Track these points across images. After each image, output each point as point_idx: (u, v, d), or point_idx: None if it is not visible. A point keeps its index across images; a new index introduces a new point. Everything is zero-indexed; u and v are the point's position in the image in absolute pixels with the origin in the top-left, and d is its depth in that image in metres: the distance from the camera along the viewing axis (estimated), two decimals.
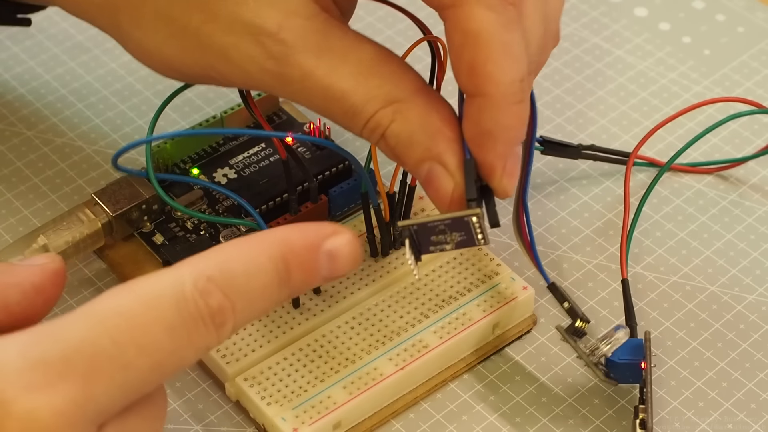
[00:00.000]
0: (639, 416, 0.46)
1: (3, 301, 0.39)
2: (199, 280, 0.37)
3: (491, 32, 0.40)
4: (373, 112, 0.42)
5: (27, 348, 0.35)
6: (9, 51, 0.62)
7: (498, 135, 0.41)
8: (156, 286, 0.37)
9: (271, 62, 0.42)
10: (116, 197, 0.51)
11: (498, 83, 0.40)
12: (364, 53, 0.43)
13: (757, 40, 0.63)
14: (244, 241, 0.39)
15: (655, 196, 0.55)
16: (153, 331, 0.36)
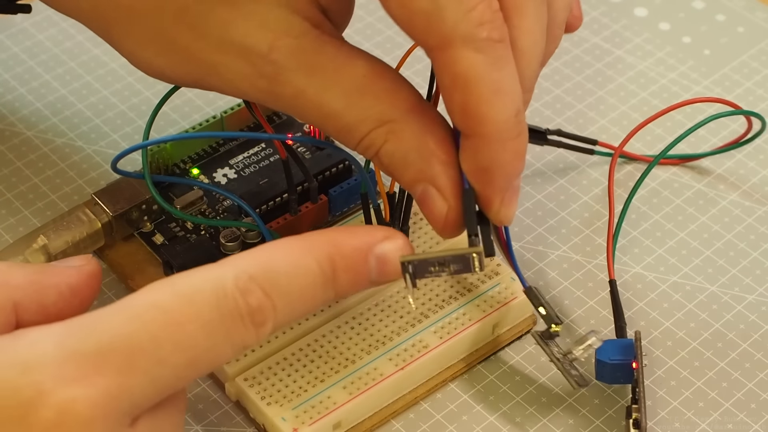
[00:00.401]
0: (632, 416, 0.46)
1: (40, 302, 0.39)
2: (240, 277, 0.37)
3: (480, 74, 0.39)
4: (366, 132, 0.42)
5: (64, 339, 0.35)
6: (9, 51, 0.62)
7: (496, 172, 0.41)
8: (196, 282, 0.37)
9: (262, 81, 0.42)
10: (116, 197, 0.51)
11: (492, 123, 0.40)
12: (357, 70, 0.42)
13: (757, 40, 0.63)
14: (291, 241, 0.39)
15: (655, 195, 0.55)
16: (190, 328, 0.36)
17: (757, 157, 0.57)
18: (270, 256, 0.39)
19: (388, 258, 0.41)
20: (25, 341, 0.35)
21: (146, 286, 0.37)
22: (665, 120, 0.58)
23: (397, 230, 0.42)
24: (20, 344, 0.35)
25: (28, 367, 0.35)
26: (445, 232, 0.43)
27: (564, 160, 0.57)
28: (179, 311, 0.36)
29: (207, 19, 0.42)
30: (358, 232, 0.41)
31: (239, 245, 0.51)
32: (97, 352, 0.35)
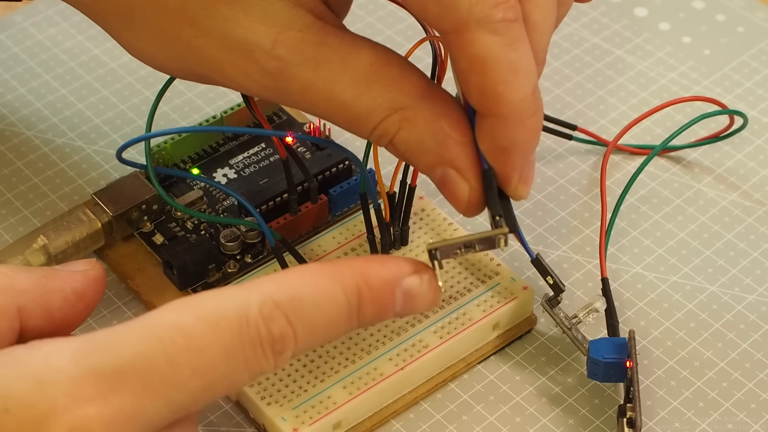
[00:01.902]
0: (626, 415, 0.46)
1: (45, 306, 0.39)
2: (265, 304, 0.37)
3: (497, 55, 0.39)
4: (379, 120, 0.42)
5: (80, 356, 0.35)
6: (9, 51, 0.62)
7: (514, 149, 0.41)
8: (220, 305, 0.37)
9: (267, 78, 0.42)
10: (116, 197, 0.51)
11: (510, 102, 0.40)
12: (363, 59, 0.42)
13: (757, 40, 0.63)
14: (320, 267, 0.39)
15: (655, 196, 0.55)
16: (210, 353, 0.36)
17: (757, 157, 0.57)
18: (298, 282, 0.38)
19: (414, 293, 0.41)
20: (40, 354, 0.35)
21: (169, 304, 0.37)
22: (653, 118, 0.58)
23: (425, 264, 0.42)
24: (35, 357, 0.35)
25: (42, 381, 0.34)
26: (468, 212, 0.43)
27: (563, 160, 0.57)
28: (201, 336, 0.36)
29: (208, 16, 0.42)
30: (387, 264, 0.41)
31: (239, 245, 0.51)
32: (115, 371, 0.35)
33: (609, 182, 0.55)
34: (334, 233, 0.51)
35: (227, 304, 0.37)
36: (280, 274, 0.39)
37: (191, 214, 0.50)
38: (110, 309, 0.51)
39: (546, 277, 0.48)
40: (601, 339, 0.48)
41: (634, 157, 0.57)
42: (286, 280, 0.38)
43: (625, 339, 0.47)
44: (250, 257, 0.51)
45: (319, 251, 0.51)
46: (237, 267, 0.51)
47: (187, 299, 0.37)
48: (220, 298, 0.37)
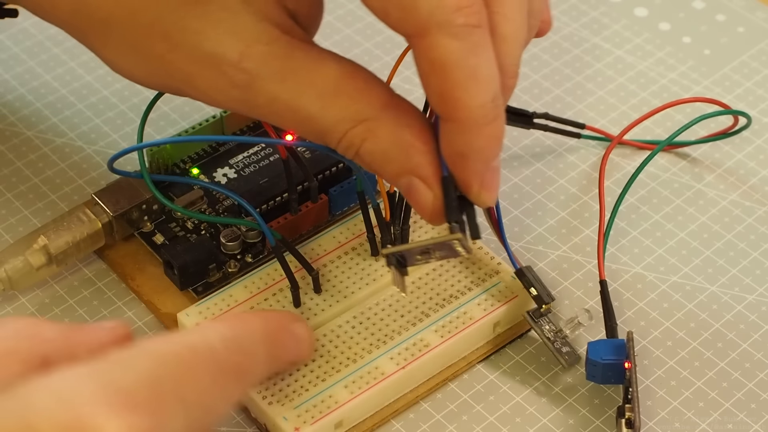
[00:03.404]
0: (625, 416, 0.46)
1: (70, 357, 0.38)
2: (221, 341, 0.38)
3: (456, 60, 0.39)
4: (344, 132, 0.42)
5: (103, 376, 0.35)
6: (9, 51, 0.62)
7: (472, 156, 0.41)
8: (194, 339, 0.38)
9: (236, 91, 0.42)
10: (116, 197, 0.51)
11: (467, 108, 0.40)
12: (329, 72, 0.42)
13: (757, 40, 0.63)
14: (241, 315, 0.43)
15: (655, 196, 0.55)
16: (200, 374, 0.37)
17: (758, 157, 0.57)
18: (231, 323, 0.40)
19: (302, 337, 0.44)
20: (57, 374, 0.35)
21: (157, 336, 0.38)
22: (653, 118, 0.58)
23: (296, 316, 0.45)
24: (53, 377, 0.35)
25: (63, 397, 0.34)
26: (434, 220, 0.43)
27: (563, 160, 0.57)
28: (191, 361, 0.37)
29: (178, 30, 0.42)
30: (276, 317, 0.44)
31: (240, 245, 0.51)
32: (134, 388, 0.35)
33: (609, 182, 0.55)
34: (334, 233, 0.51)
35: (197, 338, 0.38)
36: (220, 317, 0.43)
37: (192, 216, 0.50)
38: (110, 309, 0.51)
39: (529, 289, 0.48)
40: (600, 341, 0.48)
41: (634, 157, 0.57)
42: (222, 322, 0.40)
43: (623, 340, 0.47)
44: (250, 257, 0.51)
45: (320, 251, 0.51)
46: (237, 267, 0.51)
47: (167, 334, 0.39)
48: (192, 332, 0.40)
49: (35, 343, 0.38)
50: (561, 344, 0.48)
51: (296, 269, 0.49)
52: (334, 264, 0.50)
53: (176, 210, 0.50)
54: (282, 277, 0.49)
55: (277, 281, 0.49)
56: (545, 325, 0.49)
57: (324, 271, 0.50)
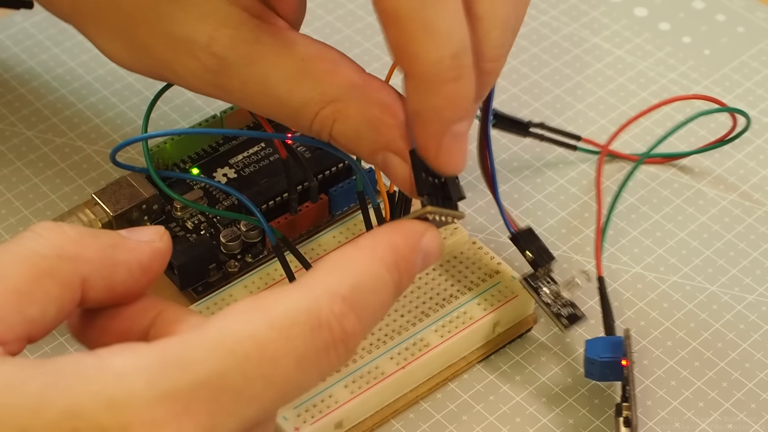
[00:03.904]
0: (623, 414, 0.46)
1: (109, 279, 0.38)
2: (335, 302, 0.36)
3: (409, 10, 0.38)
4: (313, 114, 0.42)
5: (155, 377, 0.33)
6: (9, 51, 0.62)
7: (428, 115, 0.40)
8: (290, 310, 0.35)
9: (209, 75, 0.43)
10: (116, 197, 0.51)
11: (422, 62, 0.38)
12: (295, 55, 0.42)
13: (757, 40, 0.63)
14: (362, 251, 0.38)
15: (655, 196, 0.55)
16: (284, 363, 0.35)
17: (758, 157, 0.57)
18: (355, 272, 0.37)
19: (430, 252, 0.40)
20: (111, 370, 0.33)
21: (236, 310, 0.35)
22: (653, 118, 0.58)
23: (424, 220, 0.41)
24: (106, 373, 0.33)
25: (116, 404, 0.33)
26: (414, 193, 0.42)
27: (564, 160, 0.57)
28: (275, 347, 0.35)
29: (154, 15, 0.43)
30: (405, 232, 0.40)
31: (240, 245, 0.51)
32: (189, 391, 0.34)
33: (609, 182, 0.55)
34: (334, 232, 0.51)
35: (297, 308, 0.36)
36: (332, 264, 0.37)
37: (196, 207, 0.50)
38: None
39: (524, 253, 0.48)
40: (598, 338, 0.48)
41: None
42: (343, 270, 0.37)
43: (621, 338, 0.47)
44: (250, 257, 0.51)
45: (320, 250, 0.51)
46: (237, 266, 0.51)
47: (253, 303, 0.36)
48: (288, 301, 0.36)
49: (75, 266, 0.37)
50: (560, 306, 0.48)
51: (296, 269, 0.49)
52: None
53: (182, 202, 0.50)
54: (282, 276, 0.49)
55: (277, 281, 0.49)
56: (543, 287, 0.48)
57: None
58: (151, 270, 0.39)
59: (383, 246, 0.39)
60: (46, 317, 0.36)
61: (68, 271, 0.37)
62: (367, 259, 0.38)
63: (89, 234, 0.38)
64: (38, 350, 0.50)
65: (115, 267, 0.38)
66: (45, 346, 0.50)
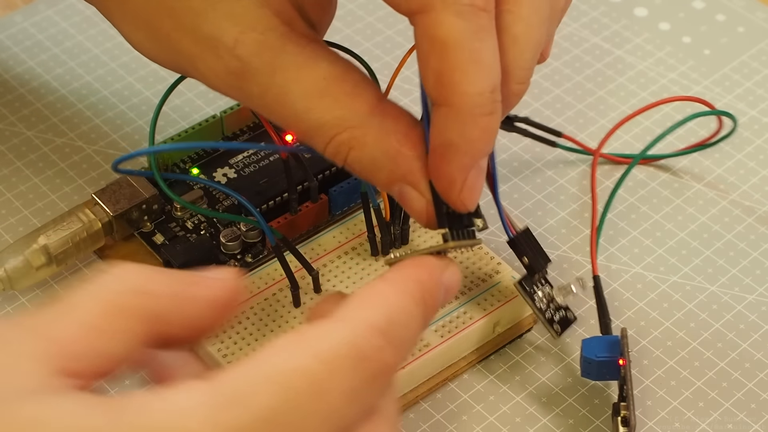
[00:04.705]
0: (620, 413, 0.46)
1: (181, 315, 0.38)
2: (374, 336, 0.36)
3: (459, 40, 0.38)
4: (329, 138, 0.41)
5: (215, 414, 0.33)
6: (9, 51, 0.62)
7: (462, 147, 0.40)
8: (334, 344, 0.35)
9: (231, 77, 0.42)
10: (116, 197, 0.51)
11: (465, 94, 0.39)
12: (318, 72, 0.41)
13: (757, 40, 0.63)
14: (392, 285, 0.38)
15: (655, 196, 0.55)
16: (333, 396, 0.35)
17: (758, 157, 0.57)
18: (388, 306, 0.37)
19: (452, 287, 0.41)
20: (175, 409, 0.34)
21: (281, 346, 0.35)
22: (653, 118, 0.58)
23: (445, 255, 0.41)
24: (171, 412, 0.33)
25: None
26: (430, 225, 0.42)
27: (564, 160, 0.57)
28: (323, 379, 0.35)
29: (182, 8, 0.42)
30: (429, 267, 0.40)
31: (240, 245, 0.51)
32: (248, 426, 0.34)
33: (609, 182, 0.55)
34: (334, 232, 0.51)
35: (339, 342, 0.35)
36: (365, 299, 0.37)
37: (197, 210, 0.50)
38: None
39: (521, 258, 0.47)
40: (594, 338, 0.48)
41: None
42: (377, 306, 0.37)
43: (617, 337, 0.47)
44: (250, 257, 0.51)
45: (320, 250, 0.51)
46: (237, 266, 0.51)
47: (297, 338, 0.35)
48: (332, 335, 0.36)
49: (147, 299, 0.37)
50: (553, 311, 0.48)
51: (296, 269, 0.49)
52: (334, 264, 0.50)
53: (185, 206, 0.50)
54: (282, 277, 0.49)
55: (277, 281, 0.49)
56: (538, 291, 0.48)
57: (324, 271, 0.50)
58: (222, 305, 0.39)
59: (412, 281, 0.39)
60: (117, 352, 0.36)
61: (140, 306, 0.36)
62: (398, 293, 0.38)
63: (160, 272, 0.38)
64: None
65: (187, 302, 0.38)
66: None
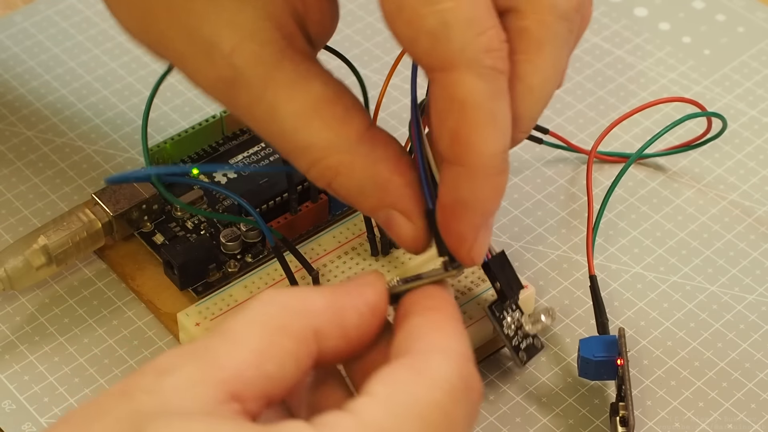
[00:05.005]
0: (619, 413, 0.46)
1: (341, 325, 0.38)
2: (469, 365, 0.37)
3: (479, 102, 0.38)
4: (315, 160, 0.41)
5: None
6: (9, 51, 0.62)
7: (474, 206, 0.40)
8: (448, 376, 0.36)
9: (221, 83, 0.41)
10: (116, 197, 0.51)
11: (480, 154, 0.38)
12: (311, 93, 0.41)
13: (757, 40, 0.63)
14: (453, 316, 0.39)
15: (655, 196, 0.55)
16: (460, 425, 0.36)
17: (758, 157, 0.57)
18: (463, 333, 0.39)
19: None
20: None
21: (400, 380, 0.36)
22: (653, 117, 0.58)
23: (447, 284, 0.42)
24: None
25: None
26: (417, 251, 0.42)
27: (563, 160, 0.57)
28: (452, 411, 0.36)
29: (183, 8, 0.41)
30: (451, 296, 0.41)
31: (240, 245, 0.51)
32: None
33: (609, 182, 0.55)
34: (334, 232, 0.51)
35: (451, 373, 0.37)
36: (442, 327, 0.38)
37: (197, 212, 0.50)
38: (110, 309, 0.51)
39: (494, 284, 0.47)
40: (592, 337, 0.47)
41: None
42: (459, 335, 0.38)
43: (615, 337, 0.47)
44: (250, 257, 0.51)
45: (320, 250, 0.51)
46: (237, 267, 0.51)
47: (411, 370, 0.36)
48: (442, 367, 0.37)
49: (306, 319, 0.37)
50: (521, 339, 0.48)
51: (296, 269, 0.49)
52: (334, 264, 0.50)
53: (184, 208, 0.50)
54: (282, 277, 0.49)
55: (277, 281, 0.49)
56: (507, 317, 0.47)
57: (324, 271, 0.50)
58: (378, 309, 0.39)
59: (454, 306, 0.40)
60: (284, 373, 0.36)
61: (299, 324, 0.37)
62: (455, 320, 0.39)
63: (311, 288, 0.39)
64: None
65: (344, 312, 0.38)
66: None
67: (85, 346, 0.50)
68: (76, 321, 0.51)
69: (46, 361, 0.49)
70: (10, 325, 0.51)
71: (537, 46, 0.40)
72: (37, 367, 0.49)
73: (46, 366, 0.49)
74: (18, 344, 0.50)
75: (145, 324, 0.51)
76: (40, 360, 0.49)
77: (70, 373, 0.49)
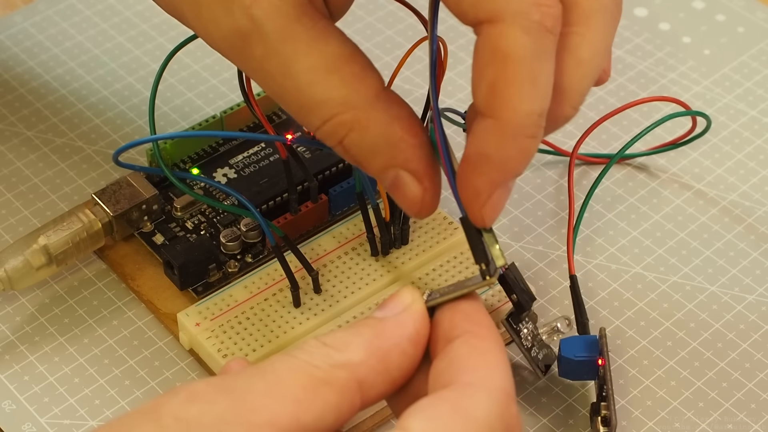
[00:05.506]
0: (601, 413, 0.46)
1: (385, 370, 0.37)
2: (511, 403, 0.37)
3: (522, 56, 0.37)
4: (329, 116, 0.40)
5: None
6: (9, 51, 0.62)
7: (496, 162, 0.39)
8: (490, 415, 0.36)
9: (235, 35, 0.41)
10: (116, 197, 0.51)
11: (514, 110, 0.38)
12: (328, 48, 0.40)
13: (757, 40, 0.63)
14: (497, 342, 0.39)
15: (655, 196, 0.55)
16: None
17: (758, 157, 0.57)
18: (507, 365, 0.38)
19: None
20: None
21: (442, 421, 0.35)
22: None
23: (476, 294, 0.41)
24: None
25: None
26: (422, 214, 0.42)
27: (563, 160, 0.57)
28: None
29: None
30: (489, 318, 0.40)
31: (240, 245, 0.51)
32: None
33: (609, 182, 0.55)
34: (334, 233, 0.51)
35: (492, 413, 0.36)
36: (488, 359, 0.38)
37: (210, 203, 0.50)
38: (110, 309, 0.51)
39: (510, 296, 0.46)
40: (572, 337, 0.47)
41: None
42: (503, 368, 0.38)
43: (596, 337, 0.47)
44: (250, 257, 0.51)
45: (320, 251, 0.51)
46: (237, 267, 0.51)
47: (453, 409, 0.36)
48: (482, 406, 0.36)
49: (349, 372, 0.37)
50: (538, 350, 0.47)
51: (296, 269, 0.49)
52: (334, 264, 0.50)
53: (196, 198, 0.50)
54: (282, 277, 0.49)
55: (277, 281, 0.49)
56: (524, 329, 0.47)
57: (324, 271, 0.50)
58: (420, 339, 0.38)
59: (495, 329, 0.39)
60: (322, 425, 0.36)
61: (343, 377, 0.36)
62: (499, 348, 0.38)
63: (352, 335, 0.38)
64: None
65: (388, 356, 0.38)
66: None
67: (85, 347, 0.50)
68: (76, 321, 0.51)
69: (46, 361, 0.49)
70: (10, 325, 0.51)
71: (587, 19, 0.39)
72: (37, 368, 0.49)
73: (46, 366, 0.49)
74: (18, 344, 0.50)
75: (145, 324, 0.51)
76: (40, 360, 0.49)
77: (70, 373, 0.49)
